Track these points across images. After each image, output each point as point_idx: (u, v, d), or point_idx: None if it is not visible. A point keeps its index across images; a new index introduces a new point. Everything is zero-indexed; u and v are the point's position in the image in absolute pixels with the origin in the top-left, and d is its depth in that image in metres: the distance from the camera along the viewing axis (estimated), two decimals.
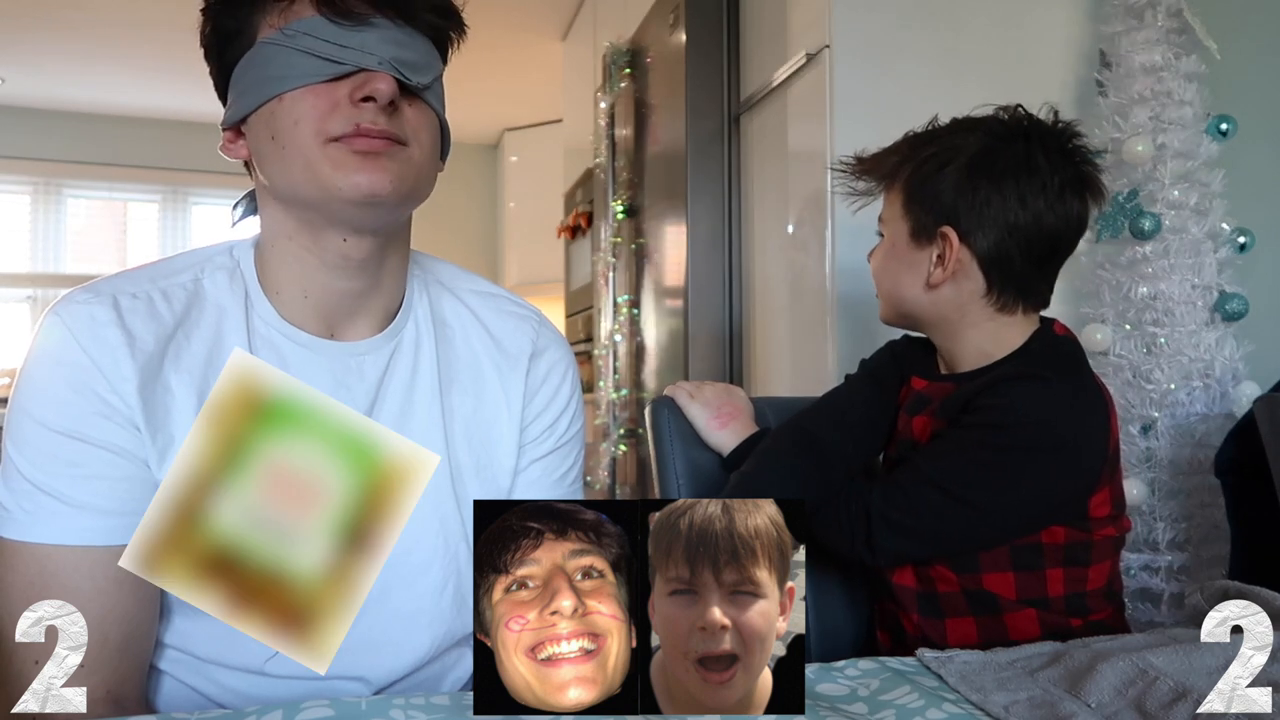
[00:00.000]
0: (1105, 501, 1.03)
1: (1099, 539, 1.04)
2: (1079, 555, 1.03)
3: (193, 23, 0.81)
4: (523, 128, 5.38)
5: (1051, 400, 0.99)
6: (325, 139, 0.73)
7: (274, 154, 0.75)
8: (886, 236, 1.13)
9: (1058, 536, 1.02)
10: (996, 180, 1.04)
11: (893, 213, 1.11)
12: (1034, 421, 0.98)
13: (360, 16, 0.74)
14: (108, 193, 5.45)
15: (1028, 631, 1.03)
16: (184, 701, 0.81)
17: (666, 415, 1.23)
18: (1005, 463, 0.98)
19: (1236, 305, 1.65)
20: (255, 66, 0.75)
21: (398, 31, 0.75)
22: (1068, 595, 1.04)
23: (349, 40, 0.73)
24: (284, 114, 0.74)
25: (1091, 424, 1.01)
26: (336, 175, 0.73)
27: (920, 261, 1.08)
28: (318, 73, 0.73)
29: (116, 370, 0.73)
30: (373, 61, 0.73)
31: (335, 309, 0.82)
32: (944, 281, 1.07)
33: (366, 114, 0.73)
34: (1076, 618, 1.04)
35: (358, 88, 0.73)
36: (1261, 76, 1.76)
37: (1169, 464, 1.64)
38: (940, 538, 1.02)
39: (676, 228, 2.45)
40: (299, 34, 0.73)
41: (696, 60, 2.39)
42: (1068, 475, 1.00)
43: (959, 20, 1.95)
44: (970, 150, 1.05)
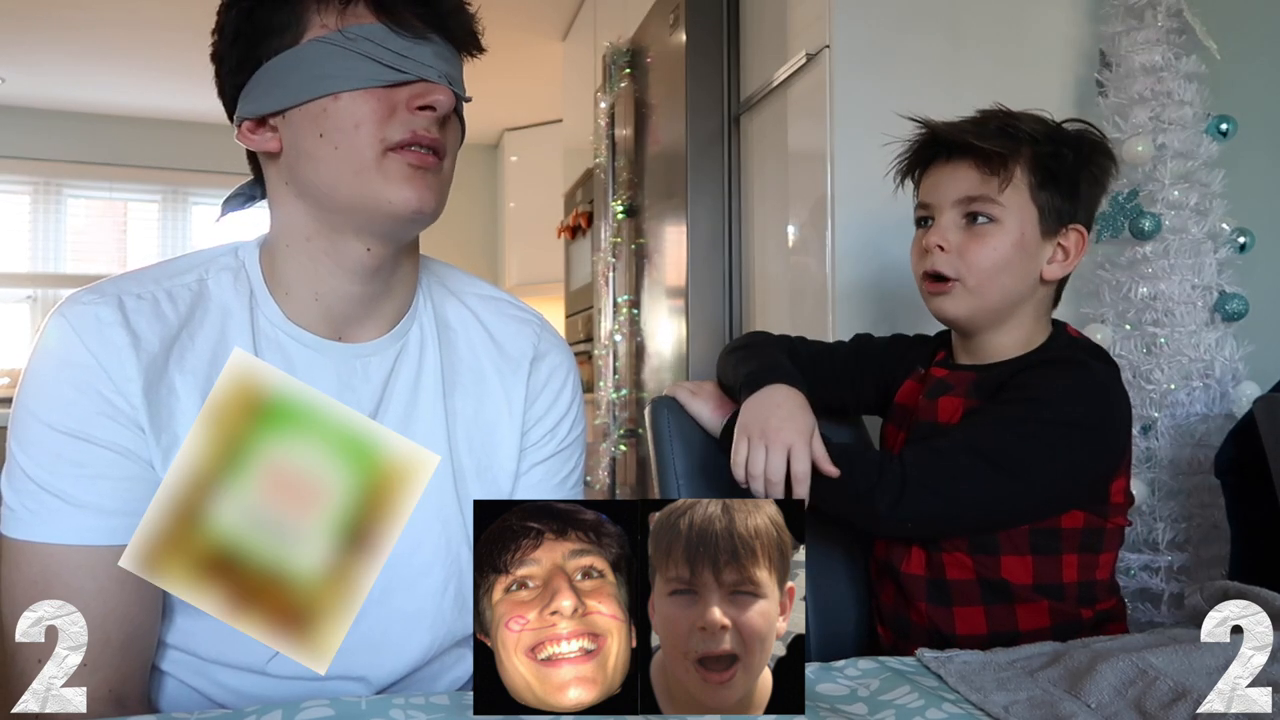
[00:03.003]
0: (1122, 489, 1.05)
1: (1111, 527, 1.05)
2: (1093, 542, 1.04)
3: (193, 23, 0.81)
4: (523, 128, 5.38)
5: (1092, 382, 1.01)
6: (385, 146, 0.75)
7: (320, 152, 0.76)
8: (1005, 222, 1.04)
9: (1076, 521, 1.03)
10: (1100, 179, 1.09)
11: (1010, 195, 1.04)
12: (1076, 399, 0.99)
13: (419, 30, 0.77)
14: (108, 193, 5.44)
15: (1037, 622, 1.03)
16: (185, 702, 0.81)
17: (666, 415, 1.23)
18: (1046, 436, 0.98)
19: (1236, 305, 1.65)
20: (304, 63, 0.75)
21: (445, 48, 0.79)
22: (1080, 583, 1.04)
23: (409, 51, 0.76)
24: (341, 114, 0.75)
25: (1122, 410, 1.04)
26: (389, 188, 0.76)
27: (1041, 253, 1.06)
28: (378, 77, 0.75)
29: (121, 371, 0.74)
30: (433, 74, 0.76)
31: (346, 312, 0.83)
32: (1056, 279, 1.09)
33: (421, 121, 0.76)
34: (1086, 608, 1.05)
35: (417, 96, 0.76)
36: (1261, 76, 1.76)
37: (1169, 464, 1.64)
38: (973, 504, 0.99)
39: (676, 228, 2.45)
40: (360, 38, 0.75)
41: (696, 60, 2.39)
42: (1099, 456, 1.01)
43: (959, 20, 1.95)
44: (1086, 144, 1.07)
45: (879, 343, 1.26)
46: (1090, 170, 1.07)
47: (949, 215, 1.07)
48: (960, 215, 1.06)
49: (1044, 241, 1.06)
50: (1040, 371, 1.03)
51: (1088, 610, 1.05)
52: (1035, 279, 1.07)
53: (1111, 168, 1.11)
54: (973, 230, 1.05)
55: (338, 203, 0.77)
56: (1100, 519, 1.04)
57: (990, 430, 1.00)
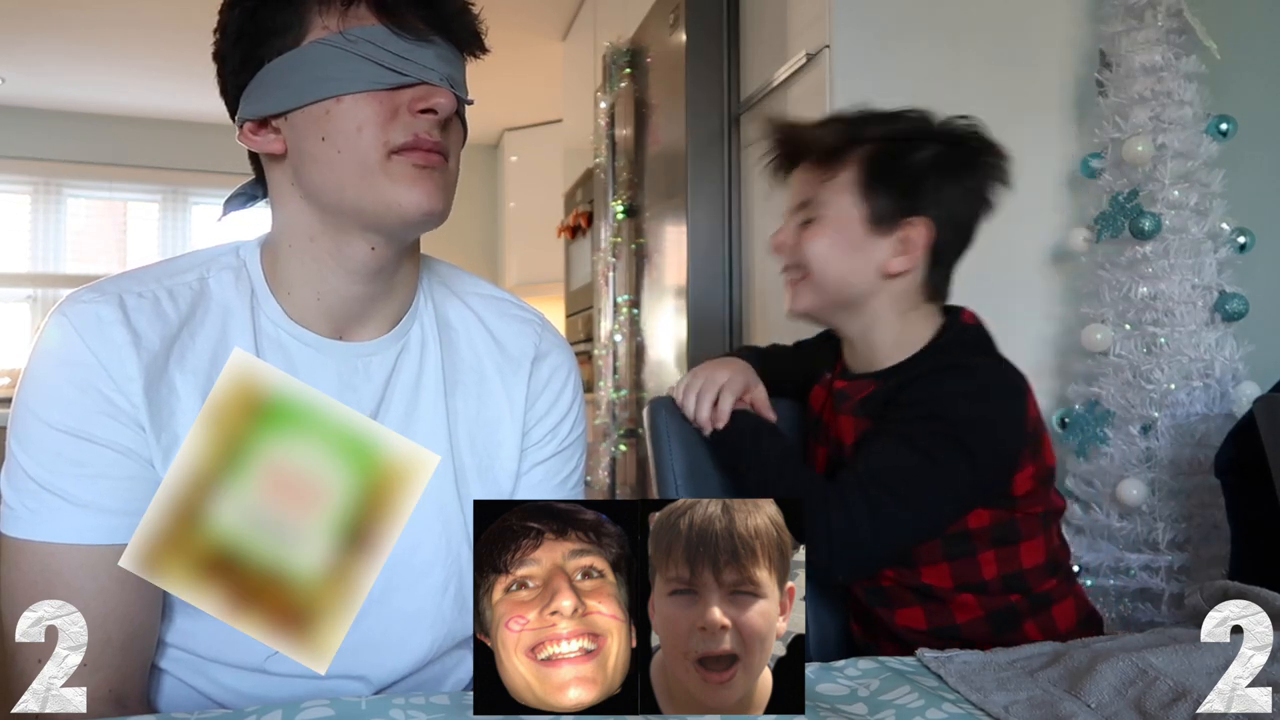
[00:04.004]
0: (1028, 479, 1.05)
1: (1023, 516, 1.06)
2: (1006, 535, 1.06)
3: (193, 23, 0.81)
4: (523, 128, 5.38)
5: (974, 387, 1.03)
6: (389, 150, 0.75)
7: (324, 155, 0.76)
8: (827, 219, 1.09)
9: (984, 519, 1.05)
10: (956, 172, 1.07)
11: (838, 194, 1.08)
12: (961, 408, 1.01)
13: (421, 32, 0.76)
14: (108, 193, 5.44)
15: (971, 613, 1.07)
16: (185, 701, 0.81)
17: (664, 415, 1.23)
18: (940, 453, 1.00)
19: (1236, 305, 1.65)
20: (306, 65, 0.75)
21: (448, 50, 0.78)
22: (1003, 576, 1.06)
23: (411, 54, 0.76)
24: (343, 116, 0.75)
25: (1012, 405, 1.04)
26: (396, 190, 0.75)
27: (875, 248, 1.07)
28: (380, 80, 0.75)
29: (122, 369, 0.74)
30: (435, 76, 0.76)
31: (347, 312, 0.83)
32: (902, 273, 1.08)
33: (423, 124, 0.76)
34: (1015, 594, 1.07)
35: (419, 99, 0.75)
36: (1261, 76, 1.76)
37: (1169, 464, 1.64)
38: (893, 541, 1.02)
39: (676, 228, 2.45)
40: (361, 40, 0.75)
41: (696, 60, 2.39)
42: (991, 457, 1.02)
43: (959, 20, 1.95)
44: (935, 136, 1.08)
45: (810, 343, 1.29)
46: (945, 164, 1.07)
47: (792, 218, 1.13)
48: (800, 214, 1.12)
49: (876, 237, 1.07)
50: (923, 384, 1.04)
51: (1016, 595, 1.07)
52: (875, 273, 1.08)
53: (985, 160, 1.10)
54: (803, 228, 1.11)
55: (344, 205, 0.77)
56: (1008, 512, 1.05)
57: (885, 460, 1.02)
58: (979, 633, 1.07)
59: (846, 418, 1.12)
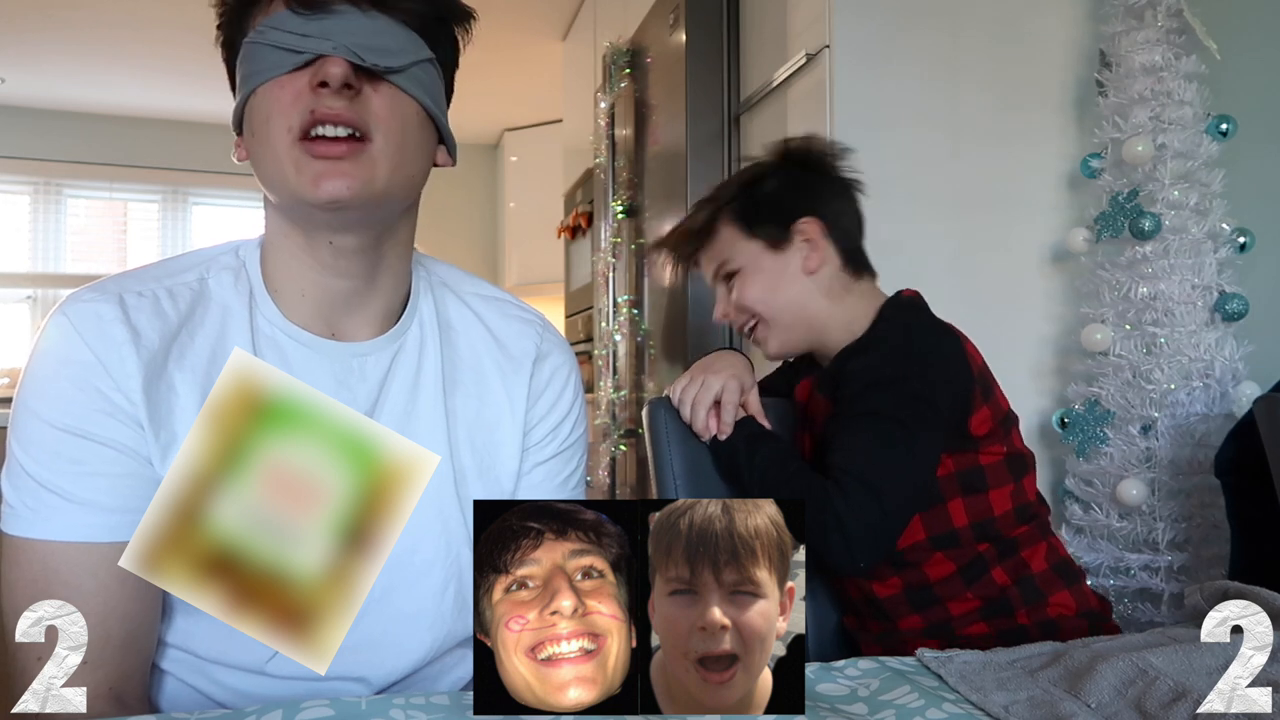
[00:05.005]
0: (985, 420, 1.12)
1: (987, 461, 1.12)
2: (974, 481, 1.12)
3: (193, 23, 0.82)
4: (523, 128, 5.38)
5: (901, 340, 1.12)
6: (294, 137, 0.73)
7: (257, 152, 0.76)
8: (742, 268, 1.22)
9: (948, 466, 1.11)
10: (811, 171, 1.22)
11: (734, 249, 1.22)
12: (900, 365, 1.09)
13: (323, 4, 0.73)
14: (108, 193, 5.44)
15: (942, 570, 1.12)
16: (185, 701, 0.81)
17: (663, 415, 1.23)
18: (898, 408, 1.07)
19: (1236, 305, 1.65)
20: (241, 66, 0.76)
21: (364, 18, 0.74)
22: (974, 524, 1.12)
23: (310, 29, 0.73)
24: (257, 109, 0.75)
25: (944, 347, 1.12)
26: (301, 179, 0.73)
27: (790, 264, 1.20)
28: (279, 64, 0.73)
29: (121, 367, 0.74)
30: (328, 47, 0.72)
31: (332, 308, 0.82)
32: (821, 264, 1.20)
33: (323, 100, 0.72)
34: (984, 542, 1.12)
35: (315, 74, 0.73)
36: (1261, 76, 1.76)
37: (1169, 464, 1.64)
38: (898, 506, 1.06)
39: None
40: (269, 29, 0.74)
41: (696, 60, 2.39)
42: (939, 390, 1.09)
43: (959, 20, 1.95)
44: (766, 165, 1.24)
45: None
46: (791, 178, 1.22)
47: (718, 291, 1.27)
48: (722, 285, 1.25)
49: (782, 253, 1.20)
50: (858, 359, 1.14)
51: (985, 545, 1.12)
52: (802, 280, 1.20)
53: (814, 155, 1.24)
54: (730, 286, 1.24)
55: (278, 199, 0.77)
56: (971, 456, 1.11)
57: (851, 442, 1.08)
58: (953, 587, 1.12)
59: (818, 399, 1.21)
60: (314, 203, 0.73)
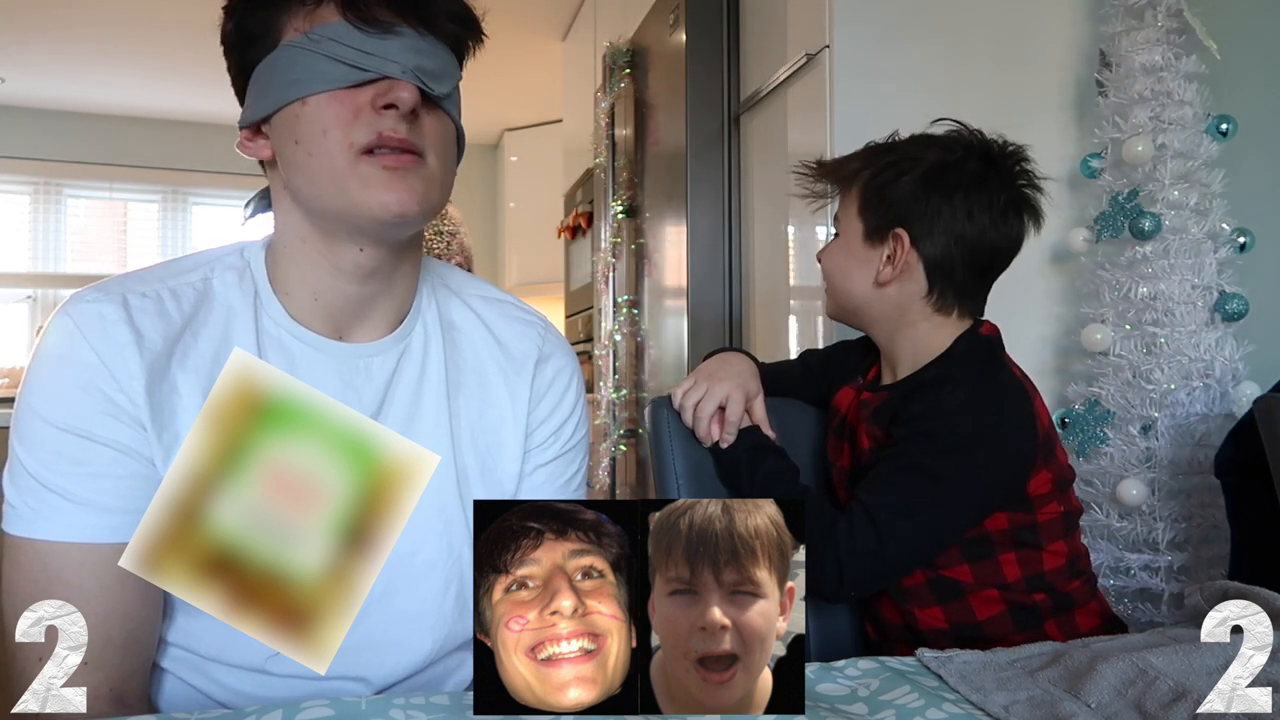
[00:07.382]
0: (1045, 481, 1.08)
1: (1044, 519, 1.08)
2: (1027, 537, 1.08)
3: (193, 23, 0.81)
4: (523, 128, 5.38)
5: (964, 398, 1.06)
6: (356, 152, 0.74)
7: (299, 159, 0.76)
8: (840, 235, 1.19)
9: (1001, 523, 1.07)
10: (949, 192, 1.12)
11: (849, 214, 1.18)
12: (956, 421, 1.04)
13: (385, 24, 0.74)
14: (108, 193, 5.44)
15: (992, 609, 1.08)
16: (185, 700, 0.81)
17: (665, 415, 1.23)
18: (943, 467, 1.03)
19: (1236, 305, 1.65)
20: (279, 69, 0.75)
21: (420, 40, 0.76)
22: (1026, 577, 1.08)
23: (373, 48, 0.74)
24: (309, 119, 0.74)
25: (1013, 412, 1.07)
26: (366, 194, 0.74)
27: (871, 260, 1.15)
28: (342, 78, 0.74)
29: (124, 368, 0.74)
30: (396, 70, 0.74)
31: (344, 312, 0.83)
32: (891, 280, 1.14)
33: (388, 121, 0.74)
34: (1039, 593, 1.08)
35: (380, 95, 0.74)
36: (1261, 76, 1.76)
37: (1169, 464, 1.64)
38: (906, 557, 1.05)
39: (676, 228, 2.45)
40: (324, 39, 0.74)
41: (696, 60, 2.39)
42: (999, 463, 1.05)
43: (959, 20, 1.95)
44: (927, 162, 1.13)
45: (821, 354, 1.36)
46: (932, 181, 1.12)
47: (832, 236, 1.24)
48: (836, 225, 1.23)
49: (870, 249, 1.15)
50: (917, 398, 1.08)
51: (1040, 594, 1.08)
52: (870, 284, 1.15)
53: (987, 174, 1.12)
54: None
55: (323, 208, 0.77)
56: (1026, 515, 1.07)
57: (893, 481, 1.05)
58: (1002, 628, 1.08)
59: (865, 425, 1.16)
60: (380, 217, 0.75)
